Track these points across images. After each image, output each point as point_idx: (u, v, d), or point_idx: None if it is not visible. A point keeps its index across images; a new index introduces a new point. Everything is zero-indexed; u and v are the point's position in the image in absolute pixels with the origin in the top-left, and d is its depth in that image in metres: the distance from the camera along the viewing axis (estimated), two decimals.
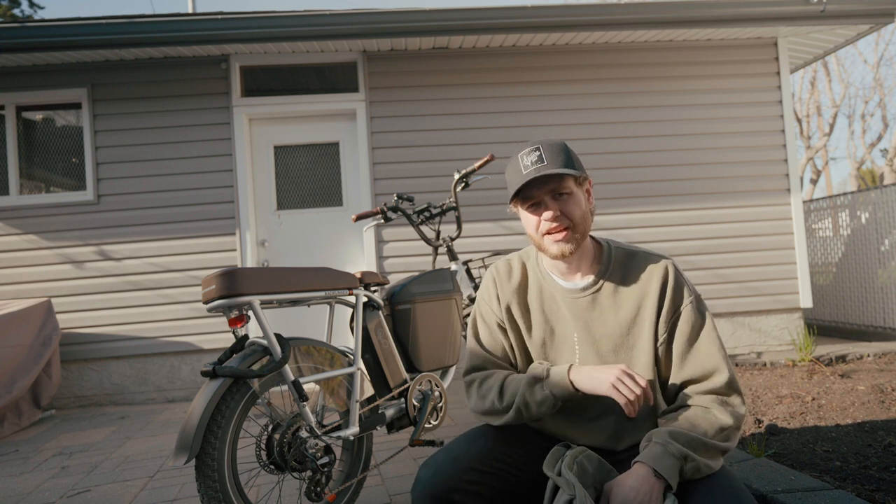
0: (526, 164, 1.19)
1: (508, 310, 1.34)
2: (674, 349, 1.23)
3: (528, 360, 1.35)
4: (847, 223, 5.46)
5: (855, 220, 5.36)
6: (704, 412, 1.16)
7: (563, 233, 1.20)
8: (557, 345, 1.30)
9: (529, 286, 1.35)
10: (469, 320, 1.45)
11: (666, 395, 1.26)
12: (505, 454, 1.21)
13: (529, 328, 1.33)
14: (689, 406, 1.19)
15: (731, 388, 1.18)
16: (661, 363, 1.25)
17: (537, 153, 1.19)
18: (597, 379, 1.15)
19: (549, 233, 1.21)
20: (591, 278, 1.28)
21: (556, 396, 1.21)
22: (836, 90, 18.20)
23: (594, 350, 1.26)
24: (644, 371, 1.24)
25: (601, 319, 1.26)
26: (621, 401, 1.12)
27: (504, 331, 1.35)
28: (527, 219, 1.25)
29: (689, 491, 1.06)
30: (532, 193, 1.21)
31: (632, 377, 1.13)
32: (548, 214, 1.20)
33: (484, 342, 1.37)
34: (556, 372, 1.22)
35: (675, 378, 1.23)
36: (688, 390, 1.22)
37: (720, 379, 1.18)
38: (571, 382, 1.19)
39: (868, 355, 4.27)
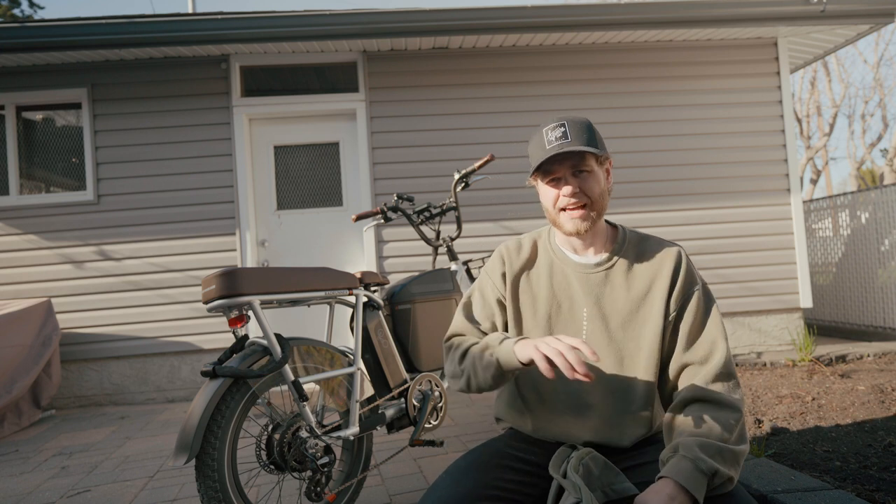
0: (550, 140, 1.21)
1: (514, 284, 1.34)
2: (681, 330, 1.23)
3: (526, 336, 1.32)
4: (847, 223, 5.46)
5: (855, 220, 5.36)
6: (715, 408, 1.13)
7: (580, 210, 1.22)
8: (564, 320, 1.29)
9: (539, 261, 1.35)
10: (466, 291, 1.44)
11: (665, 374, 1.26)
12: (497, 486, 1.17)
13: (535, 302, 1.32)
14: (697, 402, 1.15)
15: (728, 370, 1.18)
16: (665, 342, 1.25)
17: (562, 129, 1.21)
18: (530, 345, 1.10)
19: (565, 209, 1.23)
20: (605, 255, 1.30)
21: (500, 363, 1.18)
22: (836, 90, 18.22)
23: (603, 326, 1.26)
24: (650, 349, 1.24)
25: (613, 296, 1.27)
26: (537, 357, 1.07)
27: (503, 307, 1.35)
28: (545, 192, 1.27)
29: None
30: (553, 168, 1.23)
31: (558, 340, 1.08)
32: (567, 190, 1.21)
33: (475, 312, 1.39)
34: (508, 341, 1.19)
35: (677, 359, 1.23)
36: (691, 376, 1.20)
37: (718, 358, 1.18)
38: (514, 351, 1.15)
39: (868, 355, 4.27)
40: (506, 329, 1.36)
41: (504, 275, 1.35)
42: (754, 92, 4.80)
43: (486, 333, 1.35)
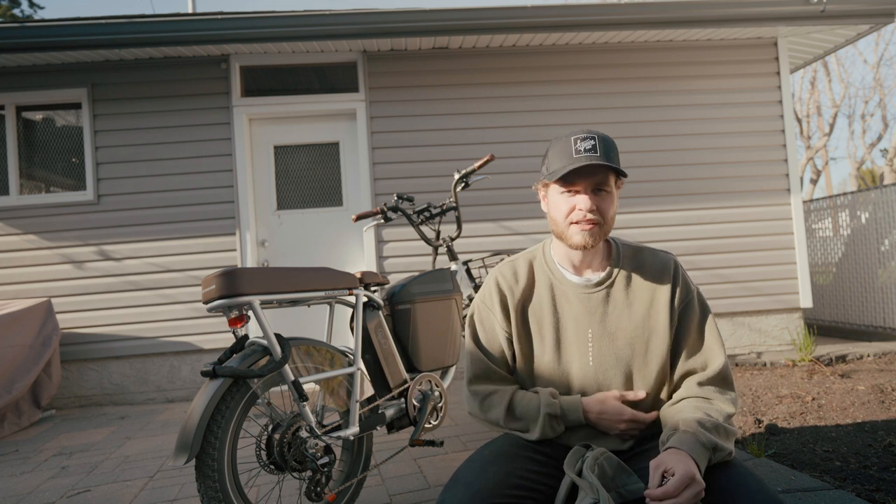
0: (578, 149, 1.19)
1: (519, 315, 1.33)
2: (682, 338, 1.26)
3: (536, 362, 1.33)
4: (847, 223, 5.46)
5: (855, 220, 5.36)
6: (709, 403, 1.20)
7: (592, 226, 1.21)
8: (570, 342, 1.29)
9: (539, 285, 1.34)
10: (467, 320, 1.43)
11: (671, 381, 1.30)
12: (521, 476, 1.18)
13: (541, 329, 1.31)
14: (694, 398, 1.22)
15: (725, 375, 1.24)
16: (670, 352, 1.28)
17: (592, 142, 1.19)
18: (604, 426, 1.26)
19: (577, 222, 1.21)
20: (603, 273, 1.30)
21: (568, 429, 1.28)
22: (836, 90, 18.24)
23: (609, 344, 1.27)
24: (658, 362, 1.26)
25: (616, 313, 1.27)
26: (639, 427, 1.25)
27: (509, 340, 1.34)
28: (558, 202, 1.24)
29: (715, 475, 1.06)
30: (576, 180, 1.20)
31: (635, 420, 1.23)
32: (585, 203, 1.20)
33: (485, 347, 1.37)
34: (568, 409, 1.27)
35: (681, 367, 1.27)
36: (690, 380, 1.25)
37: (716, 366, 1.24)
38: (586, 416, 1.26)
39: (868, 355, 4.27)
40: (514, 359, 1.36)
41: (506, 308, 1.34)
42: (754, 92, 4.80)
43: (502, 370, 1.36)
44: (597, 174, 1.20)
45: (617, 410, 1.23)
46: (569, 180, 1.21)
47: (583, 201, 1.20)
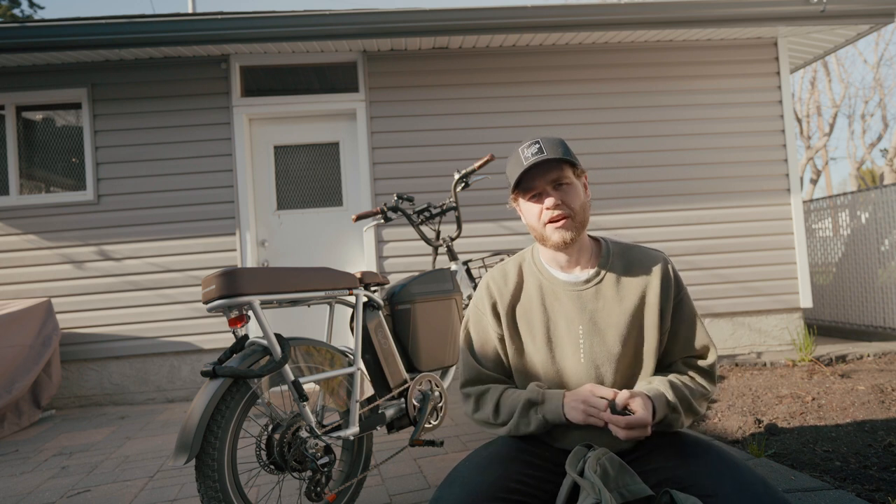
0: (527, 156, 1.24)
1: (509, 316, 1.34)
2: (672, 334, 1.30)
3: (529, 362, 1.34)
4: (847, 223, 5.46)
5: (855, 220, 5.36)
6: (692, 379, 1.28)
7: (564, 220, 1.25)
8: (561, 340, 1.30)
9: (528, 286, 1.35)
10: (462, 326, 1.44)
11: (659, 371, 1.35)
12: (519, 480, 1.18)
13: (531, 328, 1.32)
14: (679, 371, 1.31)
15: (713, 368, 1.31)
16: (662, 348, 1.32)
17: (537, 146, 1.24)
18: (572, 416, 1.20)
19: (550, 221, 1.25)
20: (592, 270, 1.32)
21: (548, 421, 1.24)
22: (836, 90, 18.25)
23: (600, 341, 1.28)
24: (649, 357, 1.28)
25: (606, 310, 1.28)
26: (599, 424, 1.16)
27: (502, 341, 1.35)
28: (528, 210, 1.29)
29: (718, 477, 1.07)
30: (534, 184, 1.25)
31: (588, 399, 1.17)
32: (549, 201, 1.24)
33: (477, 353, 1.39)
34: (551, 396, 1.24)
35: (671, 357, 1.33)
36: (681, 361, 1.32)
37: (711, 359, 1.30)
38: (564, 414, 1.21)
39: (868, 355, 4.27)
40: (507, 358, 1.37)
41: (496, 311, 1.36)
42: (754, 92, 4.80)
43: (494, 373, 1.37)
44: (550, 171, 1.24)
45: (586, 391, 1.20)
46: (527, 186, 1.26)
47: (547, 200, 1.24)
